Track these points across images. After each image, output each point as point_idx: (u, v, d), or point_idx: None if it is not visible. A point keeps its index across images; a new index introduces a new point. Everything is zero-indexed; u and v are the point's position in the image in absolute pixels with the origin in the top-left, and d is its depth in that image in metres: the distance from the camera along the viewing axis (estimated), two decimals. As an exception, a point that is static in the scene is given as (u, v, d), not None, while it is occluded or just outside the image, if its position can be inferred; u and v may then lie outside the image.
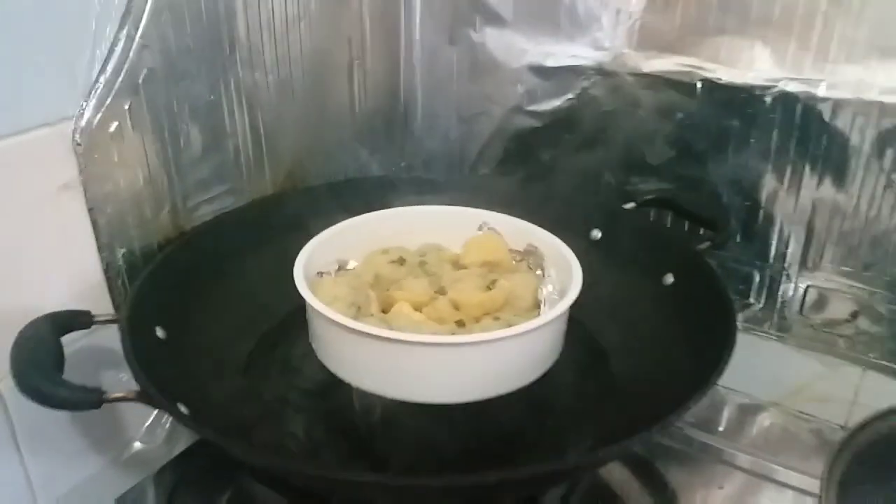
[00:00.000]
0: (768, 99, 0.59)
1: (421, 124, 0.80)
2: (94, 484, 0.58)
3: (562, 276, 0.55)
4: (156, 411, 0.61)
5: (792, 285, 0.67)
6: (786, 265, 0.66)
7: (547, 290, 0.55)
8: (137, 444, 0.61)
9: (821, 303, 0.67)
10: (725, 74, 0.60)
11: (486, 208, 0.62)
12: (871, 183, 0.59)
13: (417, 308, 0.53)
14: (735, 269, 0.68)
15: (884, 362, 0.65)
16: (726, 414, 0.68)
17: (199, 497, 0.58)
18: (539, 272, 0.58)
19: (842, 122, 0.57)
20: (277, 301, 0.58)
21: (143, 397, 0.43)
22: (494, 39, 0.71)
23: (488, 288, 0.54)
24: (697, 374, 0.47)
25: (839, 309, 0.66)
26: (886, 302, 0.63)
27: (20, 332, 0.45)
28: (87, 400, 0.42)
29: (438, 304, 0.53)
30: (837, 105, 0.57)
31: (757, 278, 0.68)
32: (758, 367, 0.70)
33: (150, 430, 0.62)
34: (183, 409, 0.44)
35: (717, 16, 0.59)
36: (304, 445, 0.50)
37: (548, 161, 0.73)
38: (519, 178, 0.74)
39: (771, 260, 0.66)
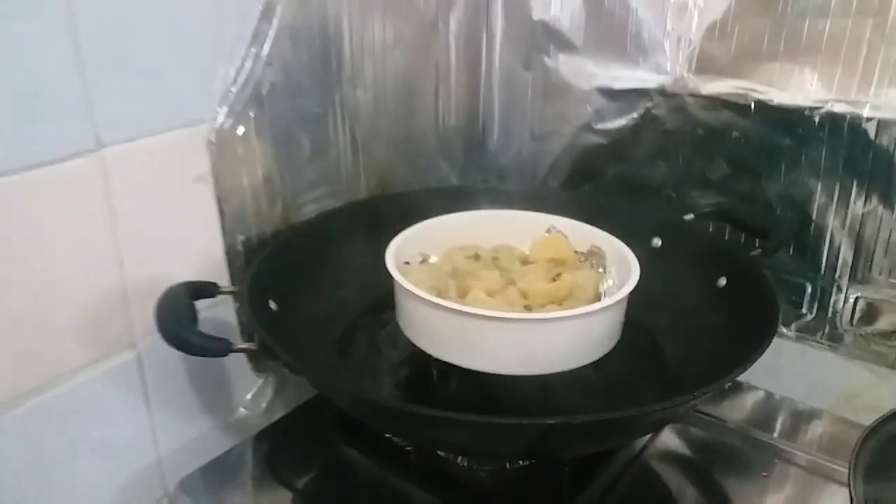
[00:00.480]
0: (817, 119, 0.65)
1: (497, 141, 0.88)
2: (205, 440, 0.66)
3: (621, 272, 0.62)
4: (260, 381, 0.70)
5: (843, 296, 0.71)
6: (836, 277, 0.70)
7: (607, 284, 0.61)
8: (242, 411, 0.70)
9: (871, 314, 0.70)
10: (777, 96, 0.66)
11: (556, 214, 0.70)
12: (916, 198, 0.64)
13: (490, 295, 0.60)
14: (788, 281, 0.73)
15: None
16: (780, 421, 0.72)
17: (293, 458, 0.65)
18: (601, 270, 0.64)
19: (886, 141, 0.62)
20: (368, 288, 0.66)
21: (264, 348, 0.51)
22: (566, 64, 0.79)
23: (554, 279, 0.61)
24: (742, 355, 0.52)
25: (889, 320, 0.70)
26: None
27: (162, 294, 0.55)
28: (218, 348, 0.50)
29: (508, 292, 0.60)
30: (881, 125, 0.62)
31: (809, 289, 0.72)
32: (811, 375, 0.75)
33: (254, 399, 0.70)
34: (292, 360, 0.52)
35: (769, 43, 0.65)
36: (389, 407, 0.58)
37: (613, 176, 0.80)
38: (586, 190, 0.80)
39: (822, 272, 0.71)
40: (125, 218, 0.56)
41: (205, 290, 0.58)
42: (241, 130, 0.62)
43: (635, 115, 0.75)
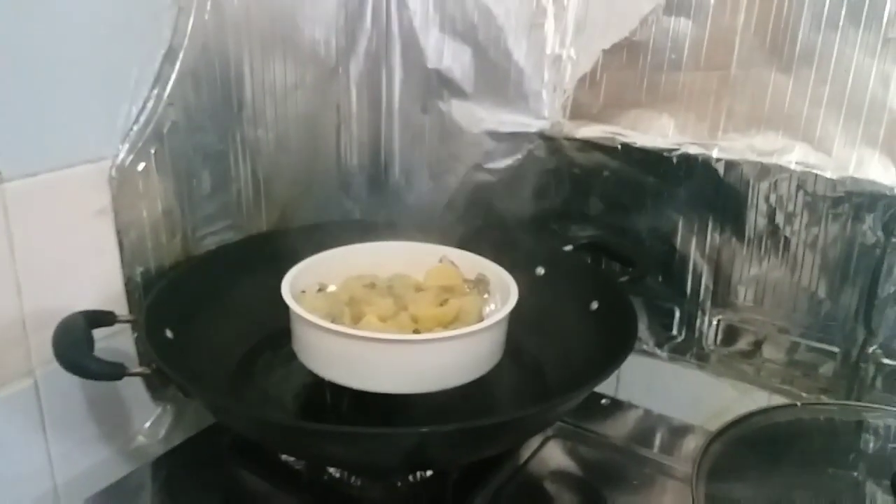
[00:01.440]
0: (675, 160, 0.72)
1: (398, 180, 0.93)
2: (103, 468, 0.67)
3: (503, 297, 0.67)
4: (158, 410, 0.72)
5: (707, 319, 0.78)
6: (700, 301, 0.78)
7: (490, 308, 0.67)
8: (141, 439, 0.72)
9: (731, 335, 0.78)
10: (640, 139, 0.74)
11: (449, 245, 0.75)
12: (761, 231, 0.72)
13: (383, 320, 0.64)
14: (659, 306, 0.80)
15: (785, 386, 0.76)
16: (658, 437, 0.78)
17: (190, 483, 0.67)
18: (486, 296, 0.70)
19: (733, 179, 0.71)
20: (267, 319, 0.68)
21: (158, 373, 0.54)
22: (458, 109, 0.85)
23: (441, 305, 0.66)
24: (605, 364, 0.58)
25: (747, 340, 0.77)
26: (783, 334, 0.75)
27: (60, 322, 0.57)
28: (113, 372, 0.53)
29: (400, 318, 0.65)
30: (728, 165, 0.70)
31: (678, 313, 0.80)
32: (684, 393, 0.82)
33: (152, 427, 0.72)
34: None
35: (632, 93, 0.73)
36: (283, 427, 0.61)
37: (503, 211, 0.86)
38: (478, 224, 0.86)
39: (688, 297, 0.78)
40: (24, 250, 0.58)
41: (102, 318, 0.60)
42: (141, 166, 0.65)
43: (519, 155, 0.82)
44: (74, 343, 0.53)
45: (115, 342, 0.66)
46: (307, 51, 0.80)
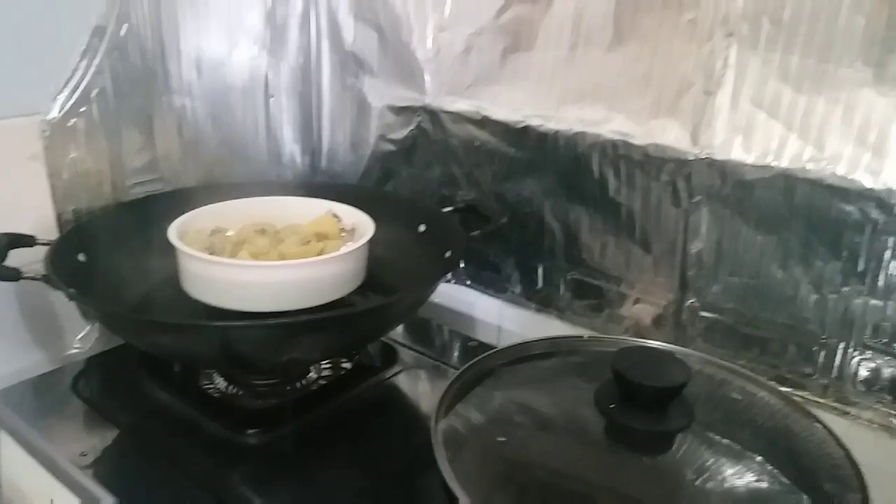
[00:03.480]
0: (524, 130, 0.83)
1: (326, 149, 1.06)
2: (34, 368, 0.82)
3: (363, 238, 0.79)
4: (88, 327, 0.87)
5: (562, 275, 0.88)
6: (556, 259, 0.87)
7: (349, 247, 0.79)
8: (73, 350, 0.86)
9: (581, 290, 0.87)
10: (496, 113, 0.85)
11: (345, 203, 0.87)
12: (595, 193, 0.81)
13: (254, 256, 0.77)
14: (527, 262, 0.90)
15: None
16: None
17: (100, 381, 0.82)
18: (350, 242, 0.82)
19: (569, 147, 0.80)
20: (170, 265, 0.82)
21: (47, 279, 0.68)
22: (368, 85, 0.97)
23: (306, 244, 0.79)
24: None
25: (593, 294, 0.86)
26: (621, 289, 0.83)
27: (-15, 240, 0.72)
28: (10, 274, 0.67)
29: (270, 255, 0.78)
30: (564, 134, 0.80)
31: (540, 270, 0.90)
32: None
33: (82, 340, 0.87)
34: (73, 292, 0.69)
35: (494, 71, 0.84)
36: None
37: (406, 177, 0.98)
38: (379, 187, 0.99)
39: (546, 255, 0.88)
40: (-36, 183, 0.73)
41: (23, 240, 0.74)
42: (71, 122, 0.80)
43: (412, 127, 0.94)
44: (-13, 254, 0.68)
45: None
46: (235, 30, 0.94)
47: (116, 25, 0.81)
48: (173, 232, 0.76)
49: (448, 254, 0.82)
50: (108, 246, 0.80)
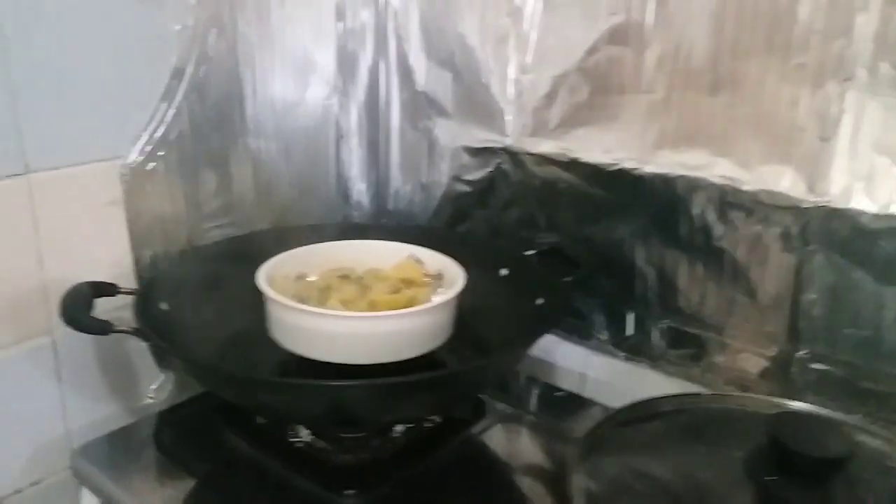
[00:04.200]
0: (616, 173, 0.80)
1: (394, 190, 1.04)
2: (110, 420, 0.80)
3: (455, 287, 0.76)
4: (163, 377, 0.84)
5: (655, 323, 0.84)
6: (649, 306, 0.84)
7: (442, 295, 0.76)
8: (148, 399, 0.84)
9: (677, 338, 0.83)
10: (586, 155, 0.82)
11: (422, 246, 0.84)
12: (695, 239, 0.78)
13: (344, 304, 0.74)
14: (615, 309, 0.87)
15: (728, 389, 0.81)
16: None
17: (183, 435, 0.78)
18: (440, 288, 0.79)
19: (667, 192, 0.77)
20: (253, 308, 0.78)
21: (139, 333, 0.65)
22: (441, 127, 0.95)
23: (396, 292, 0.76)
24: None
25: (691, 344, 0.83)
26: (722, 338, 0.80)
27: (69, 288, 0.69)
28: (101, 327, 0.64)
29: (359, 303, 0.75)
30: (662, 179, 0.77)
31: (630, 317, 0.86)
32: (637, 391, 0.87)
33: (158, 391, 0.84)
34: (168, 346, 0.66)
35: (582, 113, 0.82)
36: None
37: (480, 218, 0.95)
38: (454, 229, 0.96)
39: (638, 301, 0.85)
40: (47, 230, 0.71)
41: (106, 289, 0.72)
42: (150, 166, 0.78)
43: (490, 168, 0.91)
44: (75, 303, 0.66)
45: (124, 314, 0.78)
46: (308, 72, 0.92)
47: (196, 66, 0.80)
48: (262, 280, 0.73)
49: (540, 301, 0.79)
50: (189, 293, 0.78)
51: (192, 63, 0.79)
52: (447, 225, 0.99)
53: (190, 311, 0.76)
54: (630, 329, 0.87)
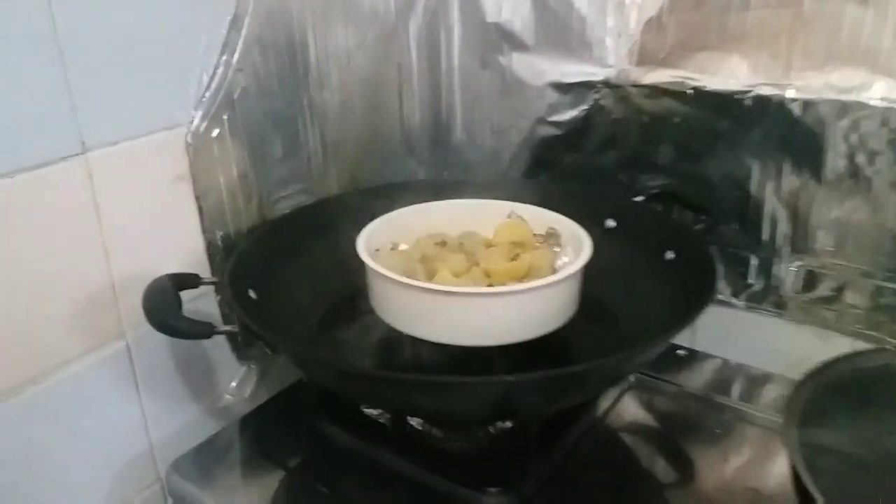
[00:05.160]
0: (748, 102, 0.70)
1: (461, 137, 0.93)
2: (193, 426, 0.71)
3: (576, 250, 0.67)
4: (244, 369, 0.74)
5: (784, 266, 0.76)
6: (777, 248, 0.76)
7: (562, 261, 0.67)
8: (228, 397, 0.74)
9: (811, 281, 0.76)
10: (710, 82, 0.72)
11: (517, 201, 0.75)
12: (841, 172, 0.69)
13: (456, 275, 0.65)
14: (735, 254, 0.78)
15: (870, 332, 0.74)
16: (737, 387, 0.76)
17: (278, 438, 0.69)
18: (557, 249, 0.69)
19: (810, 120, 0.68)
20: (343, 279, 0.69)
21: (245, 330, 0.55)
22: (519, 63, 0.84)
23: (513, 259, 0.66)
24: (685, 312, 0.57)
25: (828, 286, 0.75)
26: (867, 278, 0.72)
27: (148, 285, 0.59)
28: (202, 331, 0.55)
29: (473, 272, 0.65)
30: (805, 105, 0.68)
31: (754, 261, 0.78)
32: (762, 342, 0.80)
33: (239, 386, 0.75)
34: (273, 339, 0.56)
35: (701, 34, 0.71)
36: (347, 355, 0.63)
37: (569, 164, 0.85)
38: (544, 178, 0.86)
39: (764, 244, 0.76)
40: (110, 217, 0.60)
41: (188, 281, 0.62)
42: (215, 132, 0.66)
43: (585, 106, 0.81)
44: (164, 304, 0.55)
45: (200, 304, 0.68)
46: (367, 11, 0.80)
47: (254, 14, 0.67)
48: (364, 254, 0.63)
49: (670, 255, 0.70)
50: (274, 275, 0.68)
51: (250, 10, 0.67)
52: (527, 174, 0.89)
53: (279, 295, 0.67)
54: (752, 276, 0.79)
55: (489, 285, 0.63)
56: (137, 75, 0.60)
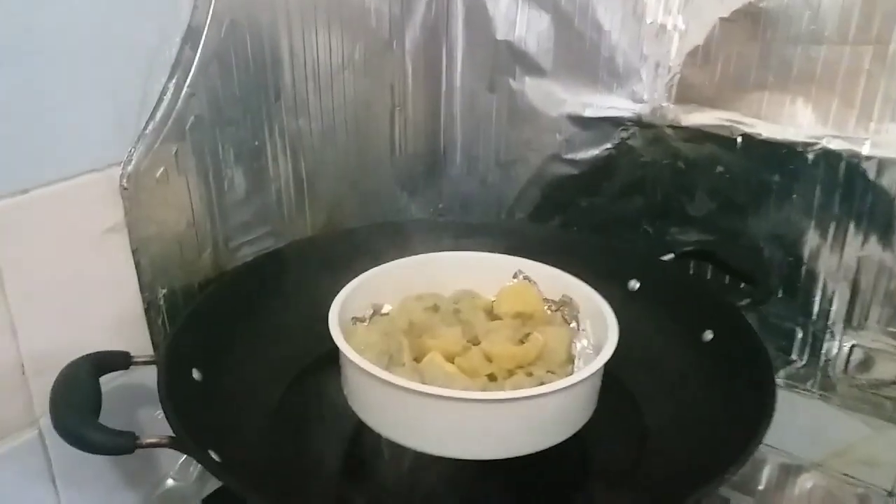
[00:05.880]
0: (810, 156, 0.58)
1: (459, 169, 0.81)
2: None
3: (597, 329, 0.55)
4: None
5: (836, 343, 0.65)
6: (830, 323, 0.64)
7: (581, 344, 0.54)
8: (170, 482, 0.62)
9: (867, 363, 0.65)
10: (766, 130, 0.60)
11: (522, 255, 0.62)
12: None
13: (450, 358, 0.53)
14: (777, 325, 0.67)
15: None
16: (766, 474, 0.66)
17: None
18: (574, 325, 0.57)
19: (887, 181, 0.56)
20: (312, 343, 0.57)
21: (177, 444, 0.43)
22: (533, 88, 0.72)
23: (521, 341, 0.54)
24: (736, 439, 0.45)
25: (886, 370, 0.64)
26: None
27: (60, 372, 0.46)
28: (121, 445, 0.42)
29: (471, 355, 0.53)
30: (882, 164, 0.56)
31: (800, 335, 0.66)
32: (800, 425, 0.68)
33: (182, 468, 0.62)
34: (214, 456, 0.44)
35: (757, 71, 0.59)
36: (332, 495, 0.50)
37: (585, 208, 0.73)
38: (555, 224, 0.74)
39: (814, 317, 0.65)
40: (17, 282, 0.47)
41: (114, 361, 0.50)
42: (159, 171, 0.54)
43: (609, 145, 0.69)
44: (74, 405, 0.43)
45: (136, 377, 0.55)
46: (355, 23, 0.67)
47: (215, 24, 0.55)
48: (337, 333, 0.51)
49: (709, 335, 0.58)
50: (224, 347, 0.56)
51: (209, 20, 0.54)
52: (533, 216, 0.77)
53: (230, 373, 0.55)
54: (796, 351, 0.67)
55: (490, 375, 0.51)
56: (56, 102, 0.47)
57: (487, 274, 0.62)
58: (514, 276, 0.62)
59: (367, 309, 0.58)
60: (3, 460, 0.50)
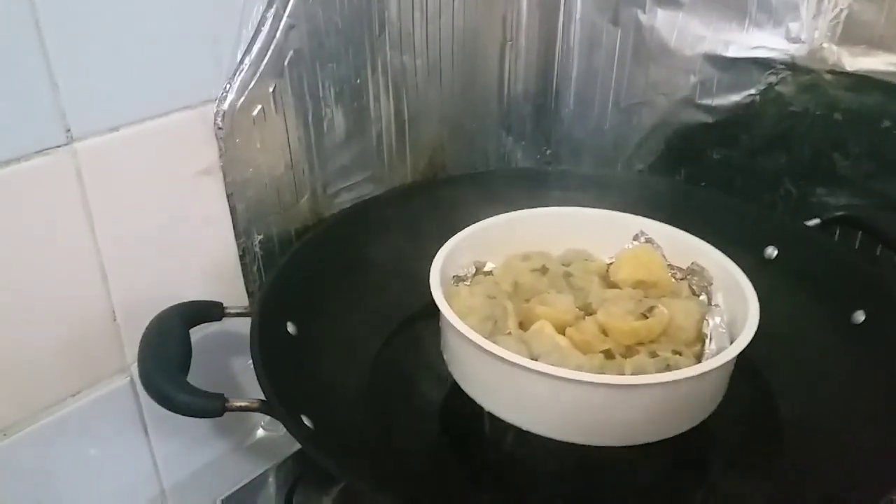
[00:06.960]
0: None
1: (573, 111, 0.74)
2: (216, 469, 0.57)
3: (732, 305, 0.48)
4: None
5: None
6: None
7: (714, 321, 0.48)
8: (261, 432, 0.61)
9: None
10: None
11: (644, 213, 0.56)
12: None
13: (560, 329, 0.48)
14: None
15: None
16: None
17: (320, 492, 0.56)
18: (703, 297, 0.51)
19: None
20: (410, 297, 0.53)
21: (267, 408, 0.40)
22: (666, 23, 0.63)
23: (644, 315, 0.48)
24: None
25: None
26: None
27: (150, 323, 0.44)
28: (210, 408, 0.40)
29: (585, 327, 0.47)
30: None
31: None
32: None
33: (274, 420, 0.60)
34: (307, 422, 0.41)
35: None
36: (427, 468, 0.47)
37: (718, 162, 0.65)
38: (682, 179, 0.66)
39: None
40: (107, 225, 0.45)
41: (206, 313, 0.47)
42: (256, 110, 0.50)
43: (753, 90, 0.60)
44: (164, 364, 0.41)
45: (231, 325, 0.53)
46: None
47: (317, -55, 0.49)
48: (439, 294, 0.46)
49: (860, 316, 0.51)
50: (320, 299, 0.52)
51: (310, -60, 0.49)
52: (655, 168, 0.69)
53: (326, 327, 0.52)
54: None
55: (606, 352, 0.46)
56: (146, 36, 0.43)
57: (603, 234, 0.56)
58: (635, 238, 0.55)
59: (469, 267, 0.54)
60: (95, 407, 0.49)
